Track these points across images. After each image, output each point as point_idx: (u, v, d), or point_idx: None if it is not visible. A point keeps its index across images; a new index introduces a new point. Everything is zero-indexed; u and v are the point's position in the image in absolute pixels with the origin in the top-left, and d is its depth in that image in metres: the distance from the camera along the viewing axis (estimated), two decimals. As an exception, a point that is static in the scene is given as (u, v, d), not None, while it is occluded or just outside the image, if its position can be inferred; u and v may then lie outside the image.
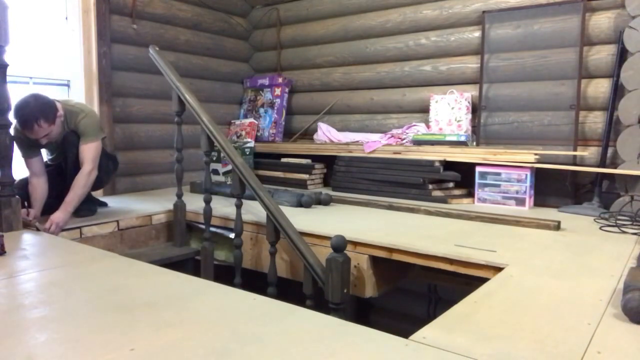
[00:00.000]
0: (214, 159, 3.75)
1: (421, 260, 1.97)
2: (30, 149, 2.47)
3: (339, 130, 3.87)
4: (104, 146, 2.65)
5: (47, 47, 3.11)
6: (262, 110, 4.19)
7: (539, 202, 2.94)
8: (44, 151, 2.63)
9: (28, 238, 2.15)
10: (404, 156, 3.21)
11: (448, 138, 3.15)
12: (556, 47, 2.94)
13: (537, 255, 1.88)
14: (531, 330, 1.21)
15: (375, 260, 2.13)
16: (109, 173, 2.82)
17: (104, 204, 2.91)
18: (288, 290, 2.30)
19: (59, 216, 2.33)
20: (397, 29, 3.59)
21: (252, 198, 2.37)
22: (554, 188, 2.95)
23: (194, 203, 2.85)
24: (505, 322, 1.27)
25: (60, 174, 2.60)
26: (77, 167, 2.50)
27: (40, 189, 2.48)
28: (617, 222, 2.39)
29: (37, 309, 1.34)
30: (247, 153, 3.95)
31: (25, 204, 2.42)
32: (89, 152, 2.49)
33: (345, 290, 1.95)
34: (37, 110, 2.32)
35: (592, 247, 2.02)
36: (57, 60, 3.16)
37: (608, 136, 2.75)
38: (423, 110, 3.50)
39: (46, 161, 2.73)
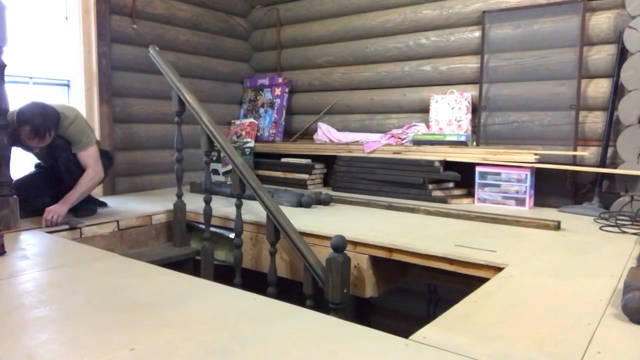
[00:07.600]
0: (214, 159, 3.75)
1: (421, 260, 1.97)
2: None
3: (339, 130, 3.87)
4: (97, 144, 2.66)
5: (47, 47, 3.11)
6: (262, 110, 4.18)
7: (539, 202, 2.94)
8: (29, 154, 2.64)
9: (28, 238, 2.15)
10: (404, 156, 3.21)
11: (448, 138, 3.15)
12: (556, 47, 2.94)
13: (537, 255, 1.88)
14: (531, 330, 1.21)
15: (375, 260, 2.12)
16: (105, 169, 2.81)
17: (104, 204, 2.91)
18: (288, 290, 2.30)
19: (58, 207, 2.38)
20: (397, 29, 3.59)
21: (252, 198, 2.37)
22: (554, 188, 2.94)
23: (194, 203, 2.85)
24: (505, 322, 1.27)
25: (55, 176, 2.59)
26: (69, 171, 2.51)
27: None
28: (617, 222, 2.39)
29: (37, 309, 1.34)
30: (247, 153, 3.95)
31: None
32: (89, 157, 2.53)
33: (345, 290, 1.95)
34: (49, 120, 2.35)
35: (592, 247, 2.02)
36: (57, 60, 3.16)
37: (608, 136, 2.75)
38: (423, 110, 3.50)
39: (39, 163, 2.74)
